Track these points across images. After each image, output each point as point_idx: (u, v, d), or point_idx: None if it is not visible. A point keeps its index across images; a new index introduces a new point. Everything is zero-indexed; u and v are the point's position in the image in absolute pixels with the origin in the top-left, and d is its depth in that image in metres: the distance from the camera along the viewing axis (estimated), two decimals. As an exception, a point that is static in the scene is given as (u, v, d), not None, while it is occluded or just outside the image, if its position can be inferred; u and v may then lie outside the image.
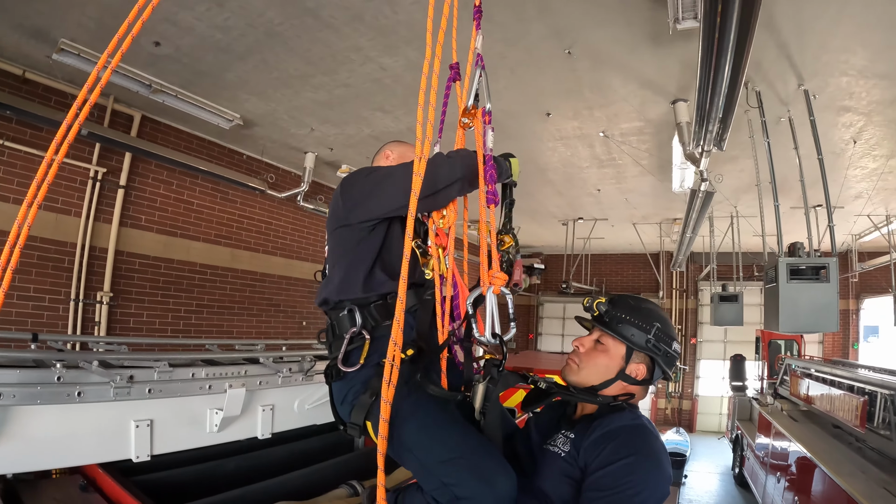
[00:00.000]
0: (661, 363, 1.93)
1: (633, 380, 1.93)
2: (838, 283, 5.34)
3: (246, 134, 8.05)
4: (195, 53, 5.66)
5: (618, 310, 1.97)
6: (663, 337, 1.93)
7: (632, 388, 1.93)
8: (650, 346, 1.91)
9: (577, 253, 15.17)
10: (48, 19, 5.06)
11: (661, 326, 1.93)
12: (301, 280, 10.22)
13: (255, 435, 3.45)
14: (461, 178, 1.88)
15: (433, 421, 1.81)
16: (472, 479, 1.69)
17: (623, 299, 2.03)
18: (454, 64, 1.90)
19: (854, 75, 5.65)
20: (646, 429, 1.81)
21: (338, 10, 4.88)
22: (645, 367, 1.95)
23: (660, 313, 2.01)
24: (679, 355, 2.02)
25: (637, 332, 1.92)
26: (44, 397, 2.44)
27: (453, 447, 1.75)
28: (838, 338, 15.95)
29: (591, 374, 1.95)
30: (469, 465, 1.71)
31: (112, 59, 1.57)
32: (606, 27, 5.02)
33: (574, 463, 1.76)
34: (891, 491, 4.39)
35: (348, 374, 1.93)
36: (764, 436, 8.68)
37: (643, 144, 7.97)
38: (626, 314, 1.95)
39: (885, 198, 10.01)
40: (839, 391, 6.11)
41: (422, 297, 2.03)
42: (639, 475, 1.66)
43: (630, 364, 1.93)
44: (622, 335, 1.93)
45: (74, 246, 6.65)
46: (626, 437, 1.75)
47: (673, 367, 1.99)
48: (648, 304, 2.04)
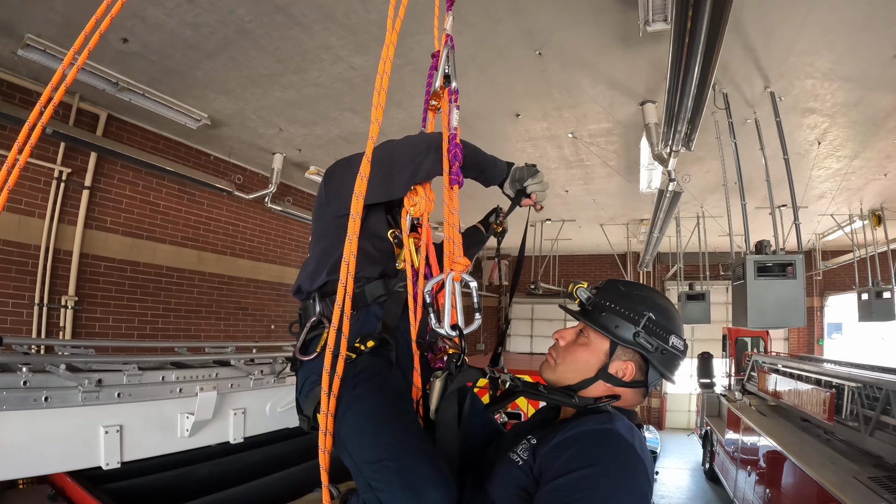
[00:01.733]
0: (654, 362, 1.62)
1: (619, 380, 1.62)
2: (805, 279, 5.44)
3: (213, 134, 7.94)
4: (163, 51, 5.57)
5: (603, 297, 1.69)
6: (656, 330, 1.61)
7: (617, 390, 1.62)
8: (638, 341, 1.60)
9: (545, 254, 15.25)
10: (13, 13, 4.94)
11: (655, 316, 1.62)
12: (268, 283, 10.14)
13: (228, 439, 3.39)
14: (415, 161, 1.78)
15: (371, 416, 1.62)
16: (397, 487, 1.50)
17: (612, 284, 1.73)
18: (436, 52, 1.85)
19: (819, 78, 5.78)
20: (616, 435, 1.47)
21: (309, 8, 4.85)
22: (634, 366, 1.63)
23: (656, 301, 1.68)
24: (681, 353, 1.66)
25: (623, 324, 1.61)
26: (9, 403, 2.36)
27: (384, 447, 1.56)
28: (803, 335, 16.30)
29: (567, 372, 1.67)
30: (398, 469, 1.51)
31: (79, 57, 1.53)
32: (577, 28, 5.06)
33: (529, 473, 1.49)
34: (861, 480, 4.50)
35: (305, 364, 1.84)
36: (733, 431, 8.84)
37: (611, 145, 8.05)
38: (612, 302, 1.66)
39: (848, 197, 10.26)
40: (807, 385, 6.25)
41: (391, 289, 1.87)
42: (599, 490, 1.33)
43: (614, 361, 1.63)
44: (604, 327, 1.63)
45: (38, 248, 6.49)
46: (589, 443, 1.45)
47: (674, 368, 1.67)
48: (644, 290, 1.73)
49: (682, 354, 1.66)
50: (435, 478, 1.51)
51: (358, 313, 1.85)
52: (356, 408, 1.62)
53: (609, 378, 1.62)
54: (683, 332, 1.69)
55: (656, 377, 1.66)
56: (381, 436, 1.59)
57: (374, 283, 1.87)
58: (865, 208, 10.87)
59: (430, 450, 1.59)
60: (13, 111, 5.80)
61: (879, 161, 8.24)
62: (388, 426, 1.61)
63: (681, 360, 1.67)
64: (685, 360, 1.68)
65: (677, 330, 1.66)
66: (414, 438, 1.60)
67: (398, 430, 1.61)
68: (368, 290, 1.86)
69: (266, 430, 3.67)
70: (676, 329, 1.65)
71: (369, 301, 1.87)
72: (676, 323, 1.67)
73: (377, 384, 1.70)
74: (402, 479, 1.50)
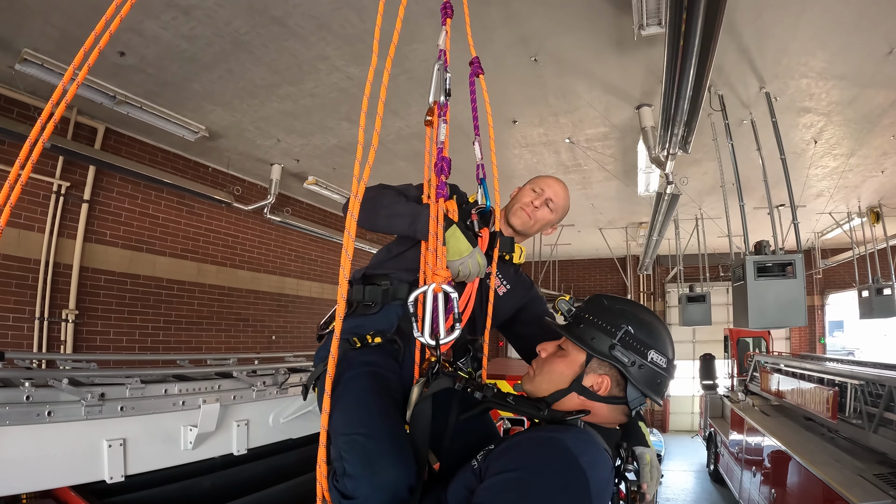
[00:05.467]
0: (632, 378, 1.55)
1: (593, 394, 1.59)
2: (804, 278, 5.45)
3: (211, 146, 7.95)
4: (160, 63, 5.58)
5: (585, 310, 1.68)
6: (634, 343, 1.57)
7: (590, 404, 1.59)
8: (613, 353, 1.55)
9: (544, 259, 15.28)
10: (10, 28, 4.94)
11: (634, 330, 1.58)
12: (268, 294, 10.14)
13: (231, 451, 3.39)
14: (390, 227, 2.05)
15: (357, 396, 1.78)
16: (358, 459, 1.62)
17: (596, 299, 1.71)
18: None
19: (813, 77, 5.80)
20: (557, 443, 1.41)
21: (305, 19, 4.86)
22: (610, 381, 1.58)
23: (638, 315, 1.64)
24: (663, 369, 1.59)
25: (599, 336, 1.58)
26: (12, 417, 2.37)
27: (358, 424, 1.69)
28: (805, 333, 16.27)
29: (542, 383, 1.66)
30: (363, 445, 1.64)
31: (79, 73, 1.54)
32: (571, 34, 5.08)
33: (477, 475, 1.49)
34: (866, 478, 4.50)
35: (322, 339, 2.07)
36: (737, 432, 8.82)
37: (608, 150, 8.06)
38: (592, 315, 1.64)
39: (846, 195, 10.28)
40: (810, 384, 6.24)
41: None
42: (520, 494, 1.29)
43: (588, 374, 1.59)
44: (578, 337, 1.61)
45: (38, 262, 6.49)
46: (526, 448, 1.44)
47: (657, 386, 1.60)
48: (628, 304, 1.70)
49: (665, 372, 1.60)
50: (394, 458, 1.63)
51: (379, 306, 2.03)
52: (349, 386, 1.80)
53: (583, 391, 1.59)
54: (669, 350, 1.63)
55: (637, 395, 1.60)
56: (359, 414, 1.73)
57: (402, 285, 2.02)
58: (863, 205, 10.88)
59: (400, 436, 1.71)
60: (11, 126, 5.81)
61: (876, 158, 8.26)
62: (367, 408, 1.75)
63: (664, 377, 1.60)
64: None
65: (659, 346, 1.60)
66: (387, 423, 1.72)
67: (376, 413, 1.75)
68: (394, 289, 2.03)
69: (269, 441, 3.68)
70: (658, 345, 1.60)
71: (390, 299, 2.02)
72: (660, 339, 1.61)
73: (372, 372, 1.86)
74: (364, 453, 1.63)
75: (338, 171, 9.02)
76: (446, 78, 1.92)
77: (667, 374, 1.60)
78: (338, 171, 9.06)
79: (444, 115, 1.90)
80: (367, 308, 2.02)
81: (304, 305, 10.97)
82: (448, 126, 1.92)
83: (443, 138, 1.87)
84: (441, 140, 1.86)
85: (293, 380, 3.82)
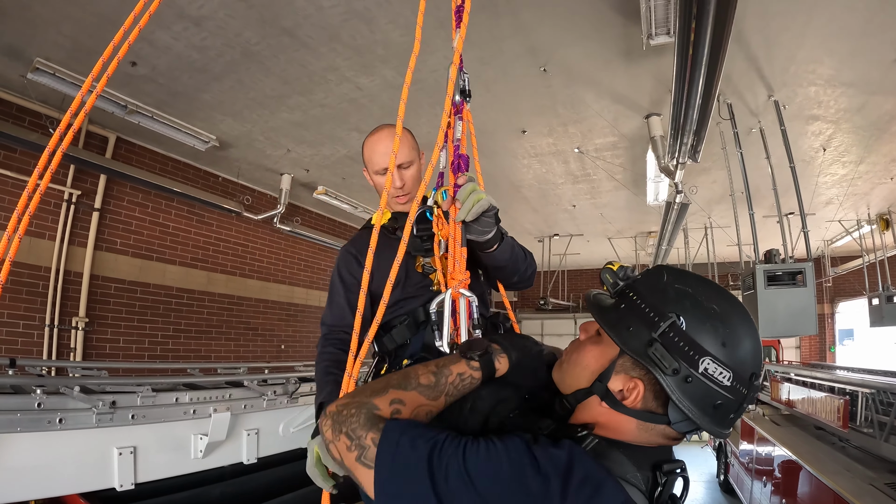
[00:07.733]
0: (671, 391, 1.03)
1: (618, 402, 1.11)
2: (815, 286, 5.43)
3: (221, 155, 8.00)
4: (171, 73, 5.62)
5: (635, 286, 1.16)
6: (679, 343, 1.04)
7: (615, 418, 1.12)
8: (648, 353, 1.05)
9: (553, 269, 15.23)
10: (22, 38, 4.98)
11: (687, 323, 1.05)
12: (278, 303, 10.16)
13: (241, 460, 3.41)
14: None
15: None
16: None
17: (656, 271, 1.17)
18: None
19: (822, 85, 5.79)
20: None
21: (315, 30, 4.90)
22: (644, 389, 1.08)
23: (702, 302, 1.08)
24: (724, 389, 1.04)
25: (638, 326, 1.08)
26: (23, 424, 2.39)
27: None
28: (815, 342, 16.16)
29: (566, 376, 1.24)
30: None
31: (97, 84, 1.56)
32: (581, 44, 5.10)
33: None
34: (877, 487, 4.46)
35: None
36: (747, 442, 8.75)
37: (617, 159, 8.06)
38: (641, 294, 1.13)
39: (856, 203, 10.22)
40: (820, 393, 6.19)
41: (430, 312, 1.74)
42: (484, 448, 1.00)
43: (617, 374, 1.12)
44: (613, 327, 1.11)
45: (49, 270, 6.52)
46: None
47: (713, 409, 1.05)
48: (695, 284, 1.12)
49: (728, 392, 1.04)
50: None
51: (407, 341, 1.95)
52: None
53: (606, 395, 1.12)
54: (747, 360, 1.06)
55: (682, 420, 1.07)
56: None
57: (418, 311, 1.95)
58: (873, 213, 10.81)
59: None
60: (24, 134, 5.84)
61: (885, 165, 8.22)
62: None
63: (728, 400, 1.05)
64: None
65: (723, 352, 1.04)
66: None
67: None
68: (413, 318, 1.96)
69: (279, 450, 3.69)
70: (724, 352, 1.04)
71: (416, 328, 1.95)
72: (729, 341, 1.05)
73: None
74: None
75: (347, 181, 9.04)
76: (465, 78, 1.88)
77: (731, 395, 1.04)
78: (347, 181, 9.08)
79: (459, 113, 1.86)
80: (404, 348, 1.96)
81: (314, 315, 10.93)
82: (465, 124, 1.88)
83: (459, 135, 1.83)
84: (457, 137, 1.82)
85: (303, 389, 3.82)
